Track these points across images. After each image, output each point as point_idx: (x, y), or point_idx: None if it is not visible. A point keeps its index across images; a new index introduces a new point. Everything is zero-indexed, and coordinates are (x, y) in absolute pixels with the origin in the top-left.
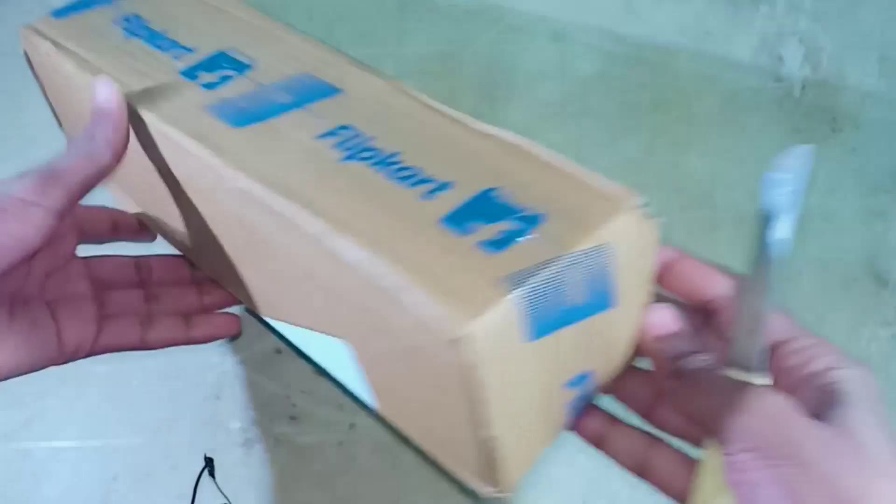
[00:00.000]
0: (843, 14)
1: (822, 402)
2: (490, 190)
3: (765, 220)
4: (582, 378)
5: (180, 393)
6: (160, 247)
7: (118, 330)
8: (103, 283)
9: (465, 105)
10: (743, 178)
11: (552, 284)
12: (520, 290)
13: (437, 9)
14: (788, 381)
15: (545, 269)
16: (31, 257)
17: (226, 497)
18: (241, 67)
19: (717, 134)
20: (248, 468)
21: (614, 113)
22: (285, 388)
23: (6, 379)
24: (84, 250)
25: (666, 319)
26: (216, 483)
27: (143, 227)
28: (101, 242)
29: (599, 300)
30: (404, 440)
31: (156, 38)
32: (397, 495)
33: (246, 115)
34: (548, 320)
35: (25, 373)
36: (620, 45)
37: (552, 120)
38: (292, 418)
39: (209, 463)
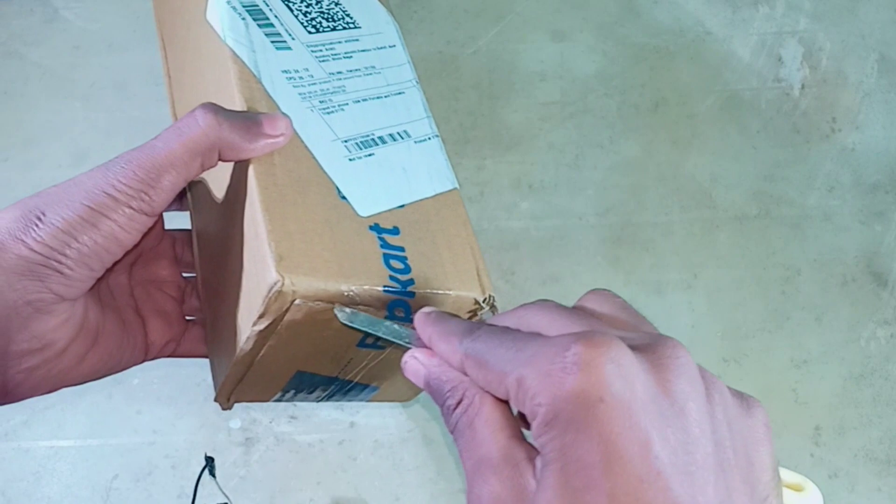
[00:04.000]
0: (842, 14)
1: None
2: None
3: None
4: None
5: (181, 392)
6: None
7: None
8: (188, 265)
9: (466, 105)
10: (742, 177)
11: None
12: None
13: (437, 9)
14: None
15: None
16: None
17: (226, 496)
18: None
19: (717, 134)
20: (249, 467)
21: (614, 113)
22: None
23: (94, 380)
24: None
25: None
26: (217, 482)
27: None
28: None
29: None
30: (403, 439)
31: None
32: (397, 494)
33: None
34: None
35: (111, 374)
36: (620, 46)
37: (552, 119)
38: (292, 417)
39: (210, 462)
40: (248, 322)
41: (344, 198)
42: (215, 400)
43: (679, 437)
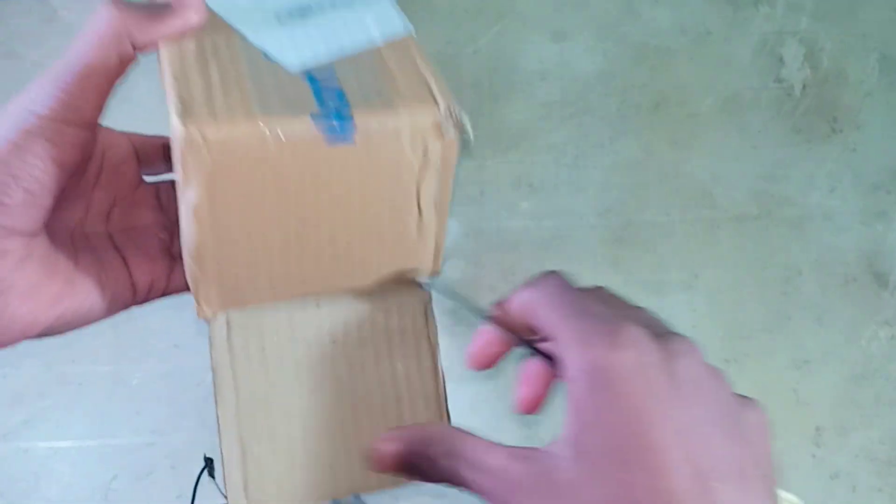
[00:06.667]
0: (843, 14)
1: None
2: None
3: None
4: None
5: (180, 393)
6: None
7: None
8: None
9: (466, 105)
10: (743, 177)
11: None
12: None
13: (437, 9)
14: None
15: None
16: (73, 178)
17: (226, 497)
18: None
19: (718, 134)
20: None
21: (614, 112)
22: None
23: (83, 325)
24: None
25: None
26: (216, 483)
27: None
28: (157, 174)
29: None
30: None
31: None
32: (396, 494)
33: None
34: None
35: (102, 317)
36: (620, 45)
37: (552, 119)
38: None
39: (209, 463)
40: (184, 200)
41: (270, 58)
42: (198, 314)
43: (684, 418)
